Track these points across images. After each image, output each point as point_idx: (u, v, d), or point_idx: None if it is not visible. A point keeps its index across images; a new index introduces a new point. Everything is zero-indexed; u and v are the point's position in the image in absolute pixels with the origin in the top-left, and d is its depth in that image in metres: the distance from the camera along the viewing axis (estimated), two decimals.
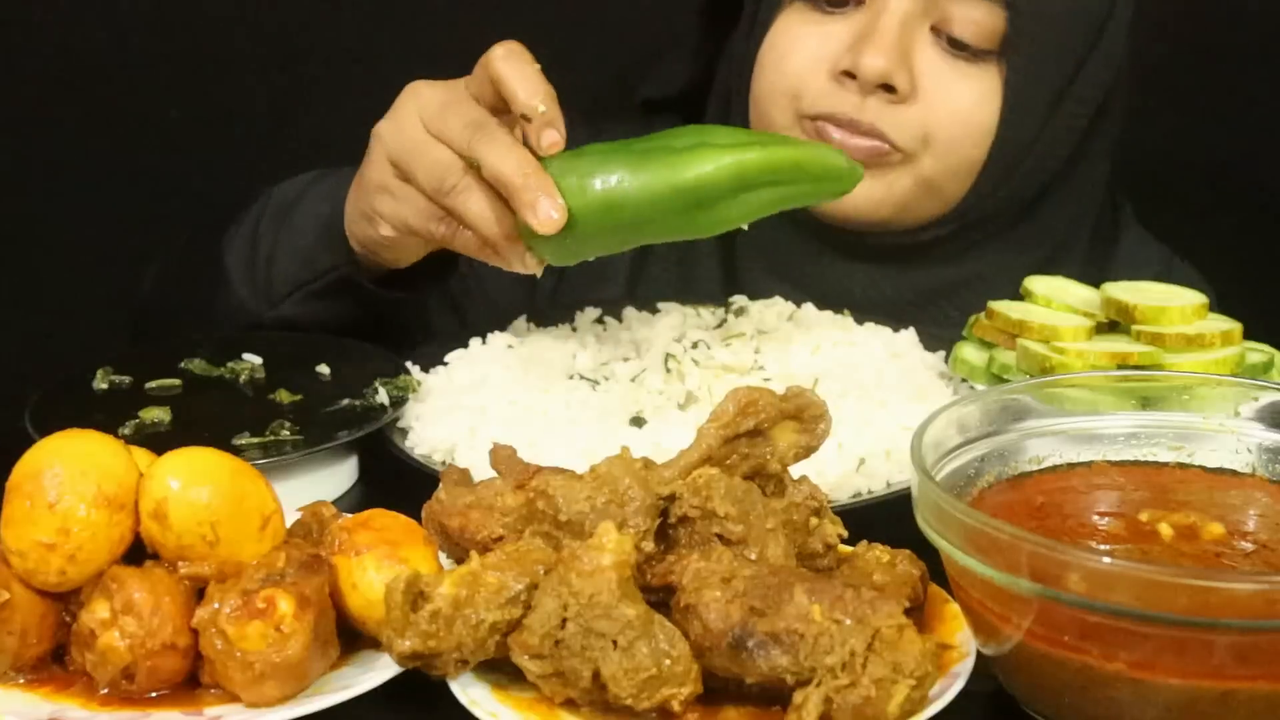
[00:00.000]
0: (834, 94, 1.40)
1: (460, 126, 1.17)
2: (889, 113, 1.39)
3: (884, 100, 1.39)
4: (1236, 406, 1.01)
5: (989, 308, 1.32)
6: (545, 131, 1.15)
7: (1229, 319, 1.28)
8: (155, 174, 2.11)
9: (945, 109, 1.40)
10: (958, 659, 0.90)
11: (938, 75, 1.39)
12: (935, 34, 1.39)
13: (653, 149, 1.15)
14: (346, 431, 1.19)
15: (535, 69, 1.17)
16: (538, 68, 1.18)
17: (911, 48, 1.39)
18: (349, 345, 1.30)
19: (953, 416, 0.98)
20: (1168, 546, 0.94)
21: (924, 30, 1.39)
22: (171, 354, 1.30)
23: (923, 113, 1.40)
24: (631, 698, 0.85)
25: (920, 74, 1.39)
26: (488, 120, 1.17)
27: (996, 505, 0.97)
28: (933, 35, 1.39)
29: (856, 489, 1.14)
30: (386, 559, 0.94)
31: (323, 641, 0.90)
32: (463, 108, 1.19)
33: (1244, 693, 0.81)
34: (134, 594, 0.89)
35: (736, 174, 1.14)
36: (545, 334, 1.38)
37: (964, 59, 1.39)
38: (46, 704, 0.90)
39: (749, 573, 0.88)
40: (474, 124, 1.17)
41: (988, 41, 1.39)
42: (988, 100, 1.40)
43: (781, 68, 1.44)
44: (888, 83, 1.37)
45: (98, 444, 0.93)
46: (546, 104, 1.15)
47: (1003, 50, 1.39)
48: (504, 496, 1.02)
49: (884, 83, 1.37)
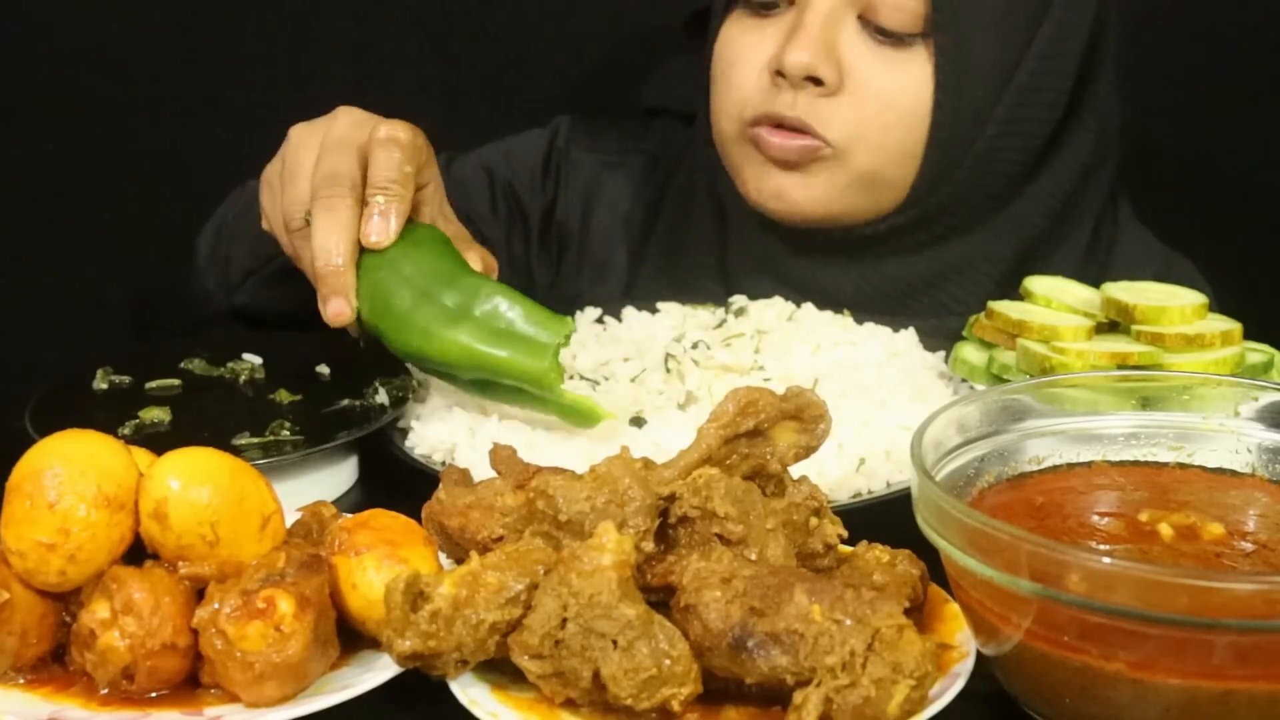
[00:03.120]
0: (769, 96, 1.41)
1: (319, 175, 1.20)
2: (819, 106, 1.39)
3: (813, 95, 1.39)
4: (1236, 406, 1.01)
5: (989, 308, 1.31)
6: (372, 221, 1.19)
7: (1229, 319, 1.28)
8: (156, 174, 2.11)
9: (874, 98, 1.40)
10: (958, 659, 0.90)
11: (866, 65, 1.39)
12: (863, 23, 1.40)
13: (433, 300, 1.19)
14: (346, 432, 1.19)
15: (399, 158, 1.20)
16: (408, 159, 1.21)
17: (837, 39, 1.39)
18: (348, 345, 1.30)
19: (953, 416, 0.98)
20: (1168, 547, 0.94)
21: (850, 20, 1.39)
22: (171, 354, 1.31)
23: (853, 104, 1.40)
24: (631, 698, 0.85)
25: (848, 65, 1.39)
26: (342, 183, 1.20)
27: (996, 505, 0.97)
28: (859, 24, 1.40)
29: (856, 489, 1.15)
30: (386, 559, 0.94)
31: (323, 641, 0.90)
32: (341, 158, 1.21)
33: (1244, 693, 0.81)
34: (134, 594, 0.89)
35: (444, 360, 1.19)
36: None
37: (891, 45, 1.39)
38: (46, 704, 0.90)
39: (749, 573, 0.88)
40: (328, 179, 1.20)
41: (914, 25, 1.39)
42: (919, 85, 1.40)
43: (728, 78, 1.46)
44: (813, 75, 1.38)
45: (98, 444, 0.93)
46: (386, 197, 1.19)
47: (927, 32, 1.39)
48: (504, 496, 1.02)
49: (810, 75, 1.38)
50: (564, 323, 1.17)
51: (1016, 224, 1.50)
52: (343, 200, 1.19)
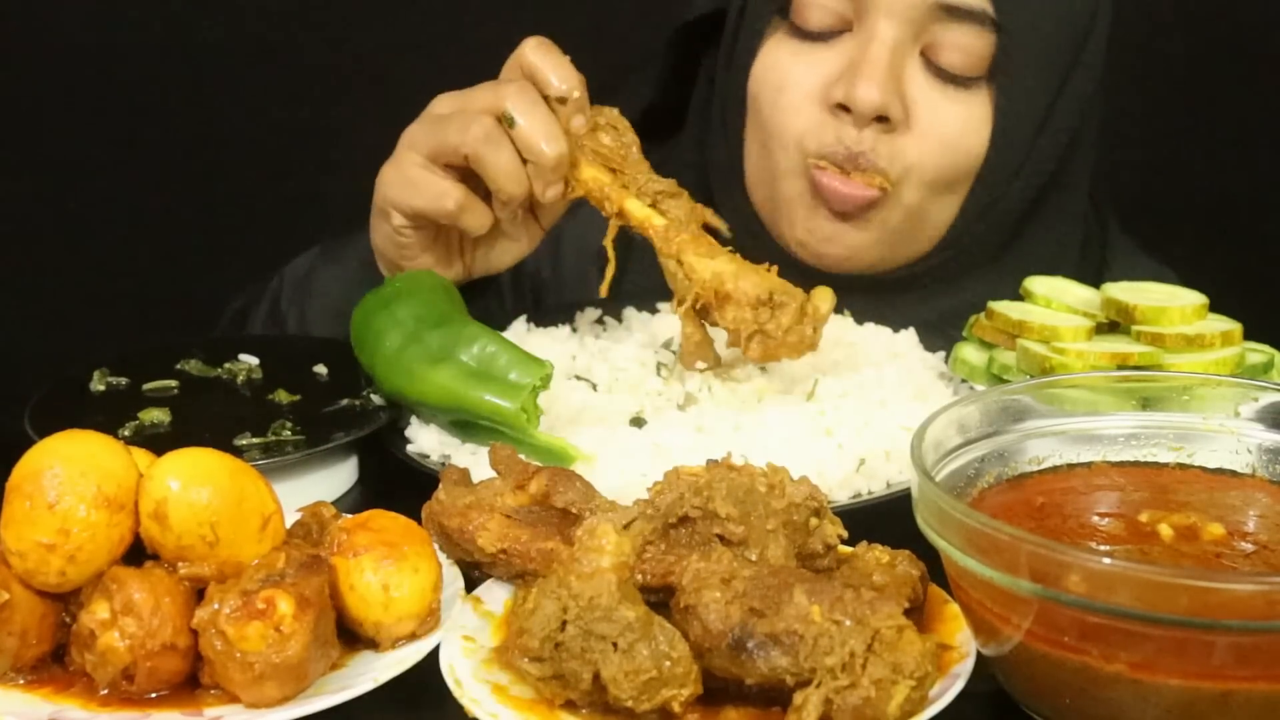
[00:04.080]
0: (830, 129, 1.38)
1: (493, 91, 1.27)
2: (884, 144, 1.37)
3: (877, 131, 1.36)
4: (1236, 407, 1.01)
5: (989, 308, 1.32)
6: (575, 117, 1.27)
7: (1229, 319, 1.28)
8: (156, 175, 2.11)
9: (937, 138, 1.38)
10: (958, 659, 0.90)
11: (929, 102, 1.37)
12: (925, 59, 1.37)
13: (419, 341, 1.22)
14: (346, 432, 1.19)
15: (565, 59, 1.28)
16: (567, 58, 1.28)
17: (902, 75, 1.36)
18: (344, 345, 1.30)
19: (953, 417, 0.98)
20: (1168, 547, 0.94)
21: (914, 56, 1.37)
22: (167, 355, 1.30)
23: (917, 144, 1.37)
24: (632, 699, 0.85)
25: (912, 101, 1.37)
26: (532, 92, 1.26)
27: (996, 506, 0.97)
28: (922, 61, 1.37)
29: (856, 489, 1.14)
30: (384, 560, 0.94)
31: (323, 642, 0.90)
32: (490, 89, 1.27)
33: (1244, 693, 0.81)
34: (134, 594, 0.89)
35: (424, 400, 1.21)
36: (545, 334, 1.38)
37: (953, 85, 1.37)
38: (46, 704, 0.90)
39: (749, 573, 0.88)
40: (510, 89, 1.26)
41: (977, 66, 1.37)
42: (978, 126, 1.39)
43: (776, 102, 1.41)
44: (882, 114, 1.35)
45: (97, 444, 0.93)
46: (579, 90, 1.27)
47: (992, 74, 1.37)
48: (504, 496, 1.02)
49: (879, 114, 1.35)
50: (541, 365, 1.18)
51: (1026, 260, 1.48)
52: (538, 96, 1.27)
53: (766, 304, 1.19)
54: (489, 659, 0.93)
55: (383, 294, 1.27)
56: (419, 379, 1.20)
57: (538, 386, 1.17)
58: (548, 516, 1.01)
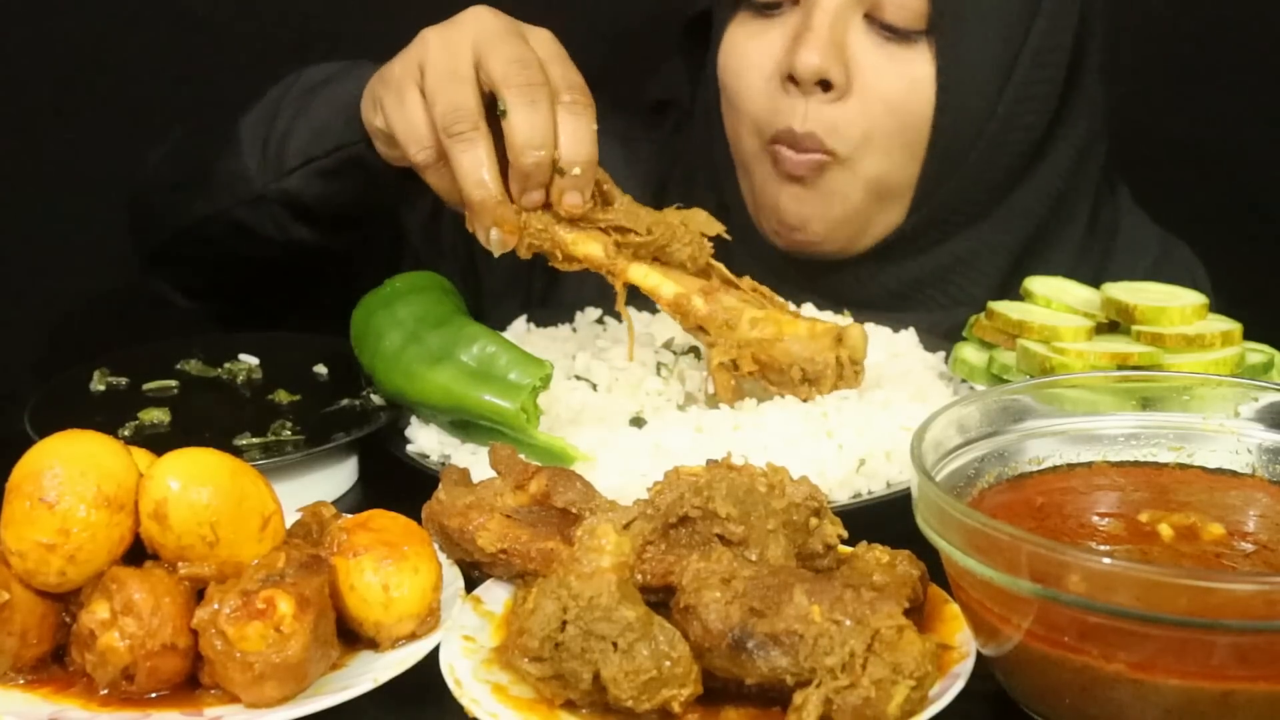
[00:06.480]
0: (782, 109, 1.40)
1: (507, 59, 1.17)
2: (827, 114, 1.38)
3: (822, 101, 1.38)
4: (1236, 407, 1.01)
5: (989, 308, 1.31)
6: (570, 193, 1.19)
7: (1229, 319, 1.28)
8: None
9: (881, 100, 1.39)
10: (958, 659, 0.90)
11: (873, 64, 1.38)
12: (869, 21, 1.39)
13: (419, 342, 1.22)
14: (346, 432, 1.19)
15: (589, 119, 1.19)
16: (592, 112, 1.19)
17: (844, 39, 1.38)
18: (344, 345, 1.30)
19: (953, 417, 0.98)
20: (1168, 547, 0.94)
21: (857, 19, 1.38)
22: (167, 355, 1.30)
23: (861, 108, 1.39)
24: (632, 699, 0.85)
25: (855, 64, 1.38)
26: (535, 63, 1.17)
27: (996, 506, 0.97)
28: (866, 23, 1.39)
29: (856, 489, 1.14)
30: (384, 560, 0.94)
31: (322, 642, 0.90)
32: (518, 45, 1.18)
33: (1244, 693, 0.81)
34: (134, 594, 0.89)
35: (424, 400, 1.21)
36: (545, 334, 1.39)
37: (897, 42, 1.38)
38: (46, 704, 0.90)
39: (749, 573, 0.88)
40: (521, 61, 1.17)
41: (918, 21, 1.38)
42: (923, 85, 1.39)
43: (737, 86, 1.44)
44: (824, 79, 1.37)
45: (97, 444, 0.93)
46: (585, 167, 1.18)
47: (929, 29, 1.38)
48: (504, 496, 1.02)
49: (820, 79, 1.37)
50: (541, 365, 1.18)
51: (1018, 213, 1.49)
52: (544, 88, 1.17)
53: (805, 379, 1.21)
54: (489, 659, 0.93)
55: (383, 294, 1.27)
56: (419, 379, 1.20)
57: (537, 386, 1.17)
58: (548, 516, 1.01)
